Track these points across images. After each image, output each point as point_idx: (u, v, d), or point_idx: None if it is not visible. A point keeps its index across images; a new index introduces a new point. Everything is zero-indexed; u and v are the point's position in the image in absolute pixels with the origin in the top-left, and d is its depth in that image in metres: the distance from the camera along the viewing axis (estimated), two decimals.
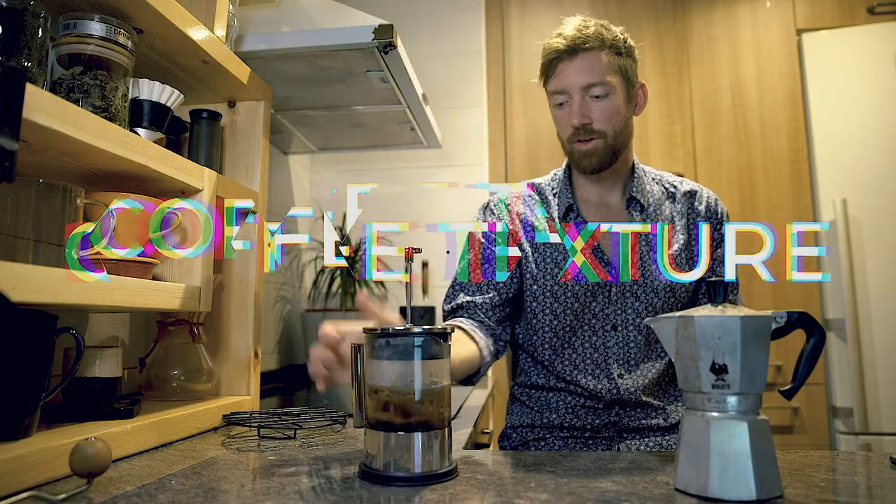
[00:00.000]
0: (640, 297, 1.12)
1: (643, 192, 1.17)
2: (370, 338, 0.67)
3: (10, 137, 0.54)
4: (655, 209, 1.17)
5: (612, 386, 1.10)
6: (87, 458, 0.57)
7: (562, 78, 1.10)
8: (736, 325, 0.58)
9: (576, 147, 1.12)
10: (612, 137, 1.11)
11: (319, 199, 2.39)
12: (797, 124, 2.23)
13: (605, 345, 1.12)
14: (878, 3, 2.22)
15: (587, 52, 1.08)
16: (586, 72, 1.08)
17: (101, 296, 0.71)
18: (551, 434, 1.14)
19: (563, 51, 1.09)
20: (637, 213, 1.16)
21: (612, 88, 1.09)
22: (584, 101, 1.09)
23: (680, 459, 0.60)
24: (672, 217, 1.17)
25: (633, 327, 1.12)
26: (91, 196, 0.80)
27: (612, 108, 1.10)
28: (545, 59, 1.13)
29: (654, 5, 2.38)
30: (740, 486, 0.55)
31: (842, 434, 2.03)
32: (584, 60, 1.09)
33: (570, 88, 1.09)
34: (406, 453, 0.64)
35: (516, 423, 1.19)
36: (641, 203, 1.16)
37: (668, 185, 1.21)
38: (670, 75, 2.34)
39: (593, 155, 1.11)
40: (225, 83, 1.11)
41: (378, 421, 0.66)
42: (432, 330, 0.66)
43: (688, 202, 1.18)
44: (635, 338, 1.11)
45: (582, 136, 1.10)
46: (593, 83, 1.08)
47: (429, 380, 0.65)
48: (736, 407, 0.58)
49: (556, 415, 1.14)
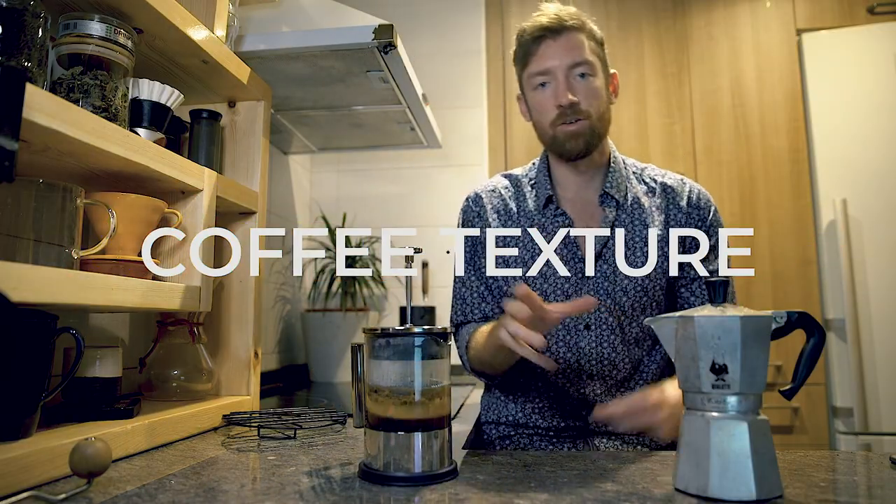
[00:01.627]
0: (611, 295, 1.09)
1: (619, 186, 1.13)
2: (370, 338, 0.68)
3: (10, 137, 0.54)
4: (632, 204, 1.13)
5: (582, 385, 1.08)
6: (87, 458, 0.57)
7: (545, 58, 1.08)
8: (736, 325, 0.58)
9: (560, 129, 1.09)
10: (597, 119, 1.09)
11: (319, 199, 2.39)
12: (797, 124, 2.23)
13: (578, 344, 1.09)
14: (878, 3, 2.22)
15: (571, 31, 1.07)
16: (572, 50, 1.07)
17: (101, 296, 0.71)
18: (516, 432, 1.13)
19: (548, 28, 1.07)
20: (611, 209, 1.12)
21: (595, 70, 1.08)
22: (569, 81, 1.07)
23: (680, 459, 0.60)
24: (651, 212, 1.13)
25: (605, 327, 1.09)
26: (91, 196, 0.80)
27: (596, 90, 1.08)
28: (528, 37, 1.10)
29: (654, 5, 2.38)
30: (740, 486, 0.55)
31: (842, 434, 2.03)
32: (569, 39, 1.07)
33: (554, 68, 1.07)
34: (406, 453, 0.64)
35: (484, 418, 1.19)
36: (616, 199, 1.12)
37: (648, 179, 1.17)
38: (670, 75, 2.34)
39: (580, 136, 1.08)
40: (225, 83, 1.11)
41: (378, 421, 0.66)
42: (432, 330, 0.66)
43: (667, 196, 1.14)
44: (608, 337, 1.09)
45: (568, 117, 1.07)
46: (579, 62, 1.06)
47: (429, 380, 0.66)
48: (736, 407, 0.58)
49: (521, 413, 1.13)
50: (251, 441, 0.88)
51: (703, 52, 2.33)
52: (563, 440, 1.10)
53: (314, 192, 2.41)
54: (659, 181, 1.16)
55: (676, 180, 1.17)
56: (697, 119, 2.30)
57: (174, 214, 0.93)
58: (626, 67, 2.37)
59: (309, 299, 2.19)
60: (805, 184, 2.20)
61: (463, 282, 1.19)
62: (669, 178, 1.17)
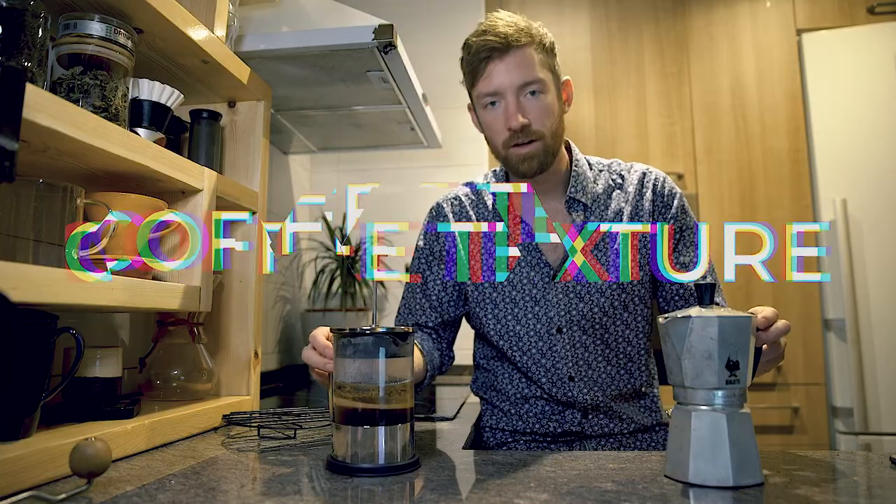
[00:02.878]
0: (584, 299, 1.07)
1: (584, 190, 1.11)
2: (337, 337, 0.72)
3: (10, 137, 0.54)
4: (600, 204, 1.11)
5: (565, 389, 1.08)
6: (87, 458, 0.57)
7: (493, 78, 1.02)
8: (747, 325, 0.63)
9: (512, 152, 1.05)
10: (550, 138, 1.05)
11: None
12: (797, 124, 2.23)
13: (553, 348, 1.08)
14: (878, 3, 2.22)
15: (519, 48, 1.01)
16: (520, 69, 1.01)
17: (101, 296, 0.71)
18: (514, 438, 1.13)
19: (495, 48, 1.01)
20: (579, 213, 1.10)
21: (546, 86, 1.03)
22: (519, 101, 1.02)
23: (693, 455, 0.61)
24: (620, 208, 1.11)
25: (578, 329, 1.08)
26: (91, 196, 0.79)
27: (548, 107, 1.04)
28: (473, 58, 1.04)
29: (654, 5, 2.38)
30: (756, 473, 0.61)
31: (842, 434, 2.03)
32: (517, 58, 1.01)
33: (503, 89, 1.02)
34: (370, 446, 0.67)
35: (483, 423, 1.19)
36: (583, 202, 1.10)
37: (615, 175, 1.15)
38: (670, 75, 2.34)
39: (533, 158, 1.04)
40: (225, 83, 1.11)
41: (343, 415, 0.69)
42: (394, 330, 0.69)
43: (637, 190, 1.12)
44: (580, 338, 1.08)
45: (520, 139, 1.03)
46: (528, 81, 1.01)
47: (391, 377, 0.69)
48: (740, 400, 0.63)
49: (519, 421, 1.13)
50: (251, 441, 0.88)
51: (703, 52, 2.33)
52: (559, 445, 1.10)
53: (314, 192, 2.41)
54: (627, 176, 1.14)
55: (644, 170, 1.15)
56: (697, 119, 2.30)
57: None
58: (626, 67, 2.37)
59: (309, 299, 2.19)
60: (805, 184, 2.20)
61: (411, 289, 1.20)
62: (637, 168, 1.15)
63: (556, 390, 1.09)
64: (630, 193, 1.12)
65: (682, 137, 2.30)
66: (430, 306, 1.17)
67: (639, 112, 2.33)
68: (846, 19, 2.25)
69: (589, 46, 2.39)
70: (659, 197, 1.11)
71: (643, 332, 1.12)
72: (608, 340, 1.09)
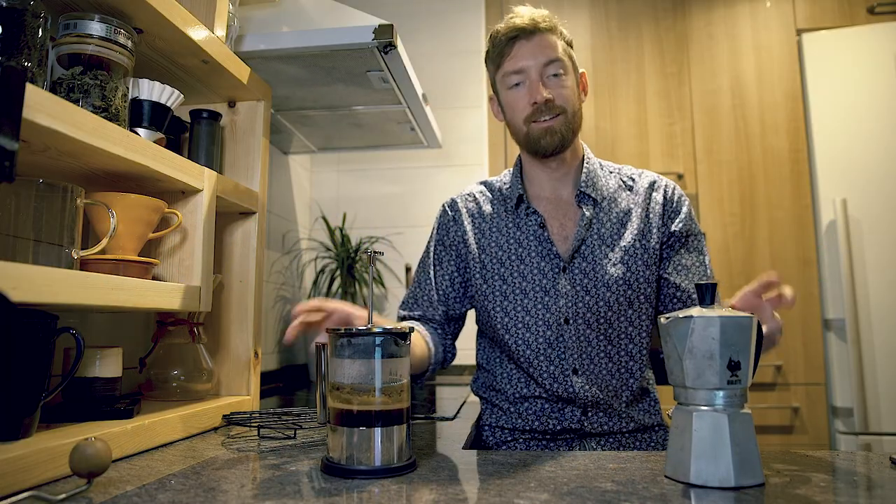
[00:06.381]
0: (590, 292, 1.09)
1: (595, 185, 1.15)
2: (333, 337, 0.70)
3: (10, 137, 0.54)
4: (609, 202, 1.14)
5: (567, 384, 1.09)
6: (87, 458, 0.57)
7: (519, 57, 1.10)
8: (749, 325, 0.63)
9: (535, 126, 1.10)
10: (571, 115, 1.11)
11: (319, 199, 2.39)
12: (797, 124, 2.23)
13: (560, 338, 1.10)
14: (878, 3, 2.22)
15: (544, 32, 1.10)
16: (545, 49, 1.09)
17: (101, 296, 0.71)
18: (513, 437, 1.14)
19: (522, 28, 1.09)
20: (589, 207, 1.13)
21: (567, 69, 1.11)
22: (543, 79, 1.10)
23: (694, 455, 0.61)
24: (629, 208, 1.14)
25: (583, 322, 1.09)
26: (91, 196, 0.80)
27: (570, 87, 1.11)
28: (503, 38, 1.12)
29: (654, 5, 2.38)
30: (757, 473, 0.61)
31: (842, 434, 2.03)
32: (543, 39, 1.09)
33: (528, 67, 1.09)
34: (367, 448, 0.66)
35: (483, 422, 1.20)
36: (593, 197, 1.14)
37: (625, 178, 1.19)
38: (670, 75, 2.34)
39: (556, 132, 1.09)
40: (225, 83, 1.11)
41: (339, 416, 0.68)
42: (392, 330, 0.68)
43: (647, 193, 1.15)
44: (585, 332, 1.09)
45: (543, 114, 1.09)
46: (552, 60, 1.09)
47: (388, 377, 0.68)
48: (741, 400, 0.63)
49: (519, 419, 1.13)
50: (251, 441, 0.88)
51: (703, 52, 2.33)
52: (559, 444, 1.10)
53: (314, 192, 2.41)
54: (637, 180, 1.18)
55: (654, 177, 1.19)
56: (697, 119, 2.30)
57: (174, 214, 0.93)
58: (626, 67, 2.37)
59: (309, 299, 2.19)
60: (805, 184, 2.20)
61: (419, 281, 1.23)
62: (647, 175, 1.19)
63: (557, 385, 1.09)
64: (640, 195, 1.16)
65: (682, 137, 2.30)
66: (437, 300, 1.20)
67: (639, 112, 2.33)
68: (846, 19, 2.25)
69: (589, 46, 2.39)
70: (669, 202, 1.15)
71: (646, 332, 1.13)
72: (611, 336, 1.10)
